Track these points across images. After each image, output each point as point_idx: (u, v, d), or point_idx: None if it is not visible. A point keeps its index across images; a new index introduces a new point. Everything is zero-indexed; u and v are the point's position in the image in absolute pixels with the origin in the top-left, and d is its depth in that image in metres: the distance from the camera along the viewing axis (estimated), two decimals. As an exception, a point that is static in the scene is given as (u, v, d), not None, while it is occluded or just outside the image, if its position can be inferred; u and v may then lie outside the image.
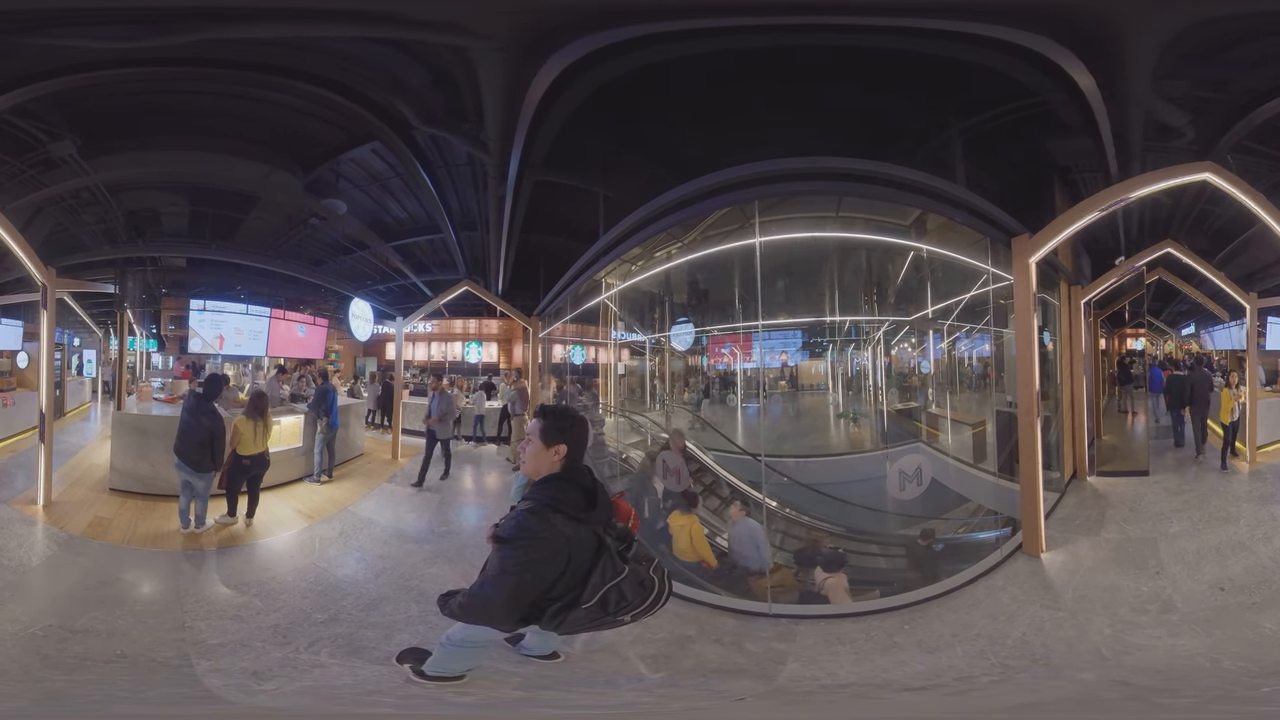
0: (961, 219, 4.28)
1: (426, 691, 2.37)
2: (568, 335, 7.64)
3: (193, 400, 4.46)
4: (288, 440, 5.75)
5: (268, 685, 2.49)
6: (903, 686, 2.76)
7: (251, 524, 4.60)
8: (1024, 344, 4.15)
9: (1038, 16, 3.72)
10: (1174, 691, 2.58)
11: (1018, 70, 4.23)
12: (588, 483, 1.95)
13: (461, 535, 4.65)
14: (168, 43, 3.85)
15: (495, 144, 4.99)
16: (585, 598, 1.85)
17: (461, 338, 9.02)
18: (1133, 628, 3.09)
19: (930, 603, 3.57)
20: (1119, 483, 5.30)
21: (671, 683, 2.72)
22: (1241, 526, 4.21)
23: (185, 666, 2.60)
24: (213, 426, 4.35)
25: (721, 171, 4.04)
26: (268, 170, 6.46)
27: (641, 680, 2.71)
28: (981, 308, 5.21)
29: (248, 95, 5.42)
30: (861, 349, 6.32)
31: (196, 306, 7.33)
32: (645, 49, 3.90)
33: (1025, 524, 4.07)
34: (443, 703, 2.35)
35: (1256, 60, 4.34)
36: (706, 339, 6.88)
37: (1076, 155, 5.17)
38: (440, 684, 2.39)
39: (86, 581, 3.44)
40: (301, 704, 2.41)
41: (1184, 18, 3.67)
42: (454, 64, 4.32)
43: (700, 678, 2.81)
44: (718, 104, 4.98)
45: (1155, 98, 4.42)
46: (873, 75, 4.58)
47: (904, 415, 5.97)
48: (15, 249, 4.35)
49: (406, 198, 7.15)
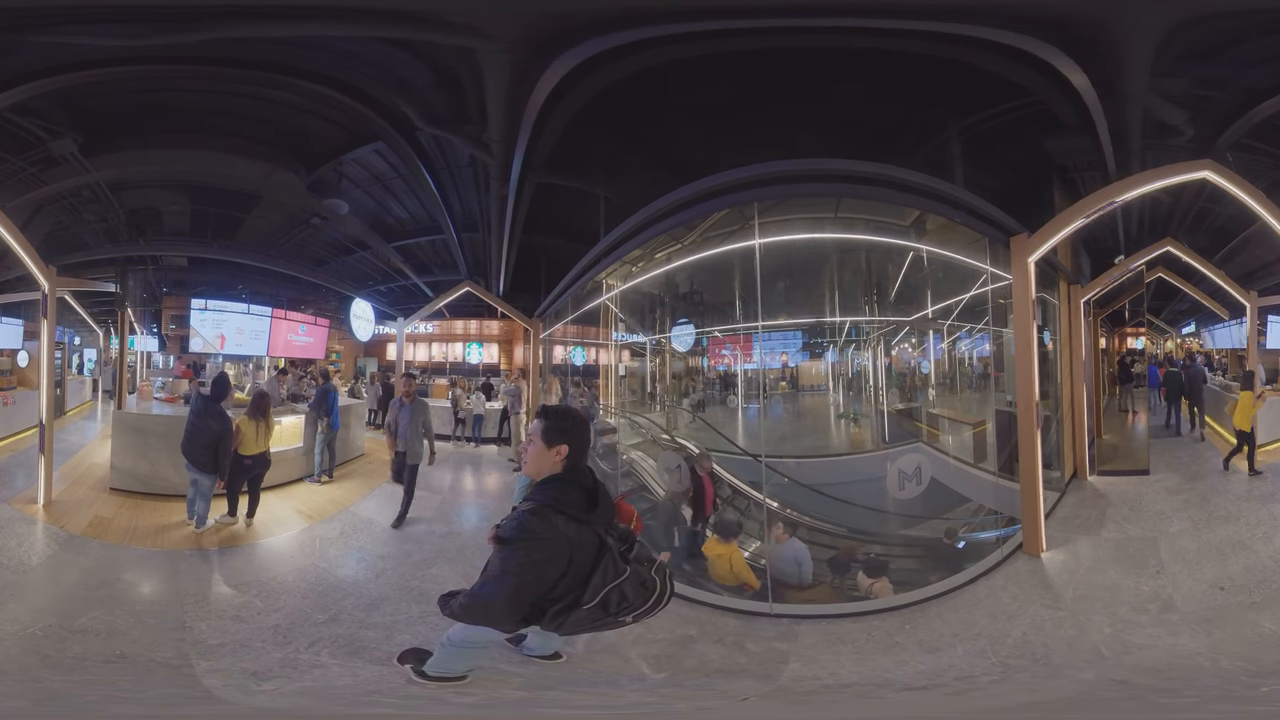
0: (960, 219, 4.28)
1: (428, 692, 2.37)
2: (568, 336, 7.64)
3: (200, 402, 4.47)
4: (288, 440, 5.75)
5: (267, 685, 2.49)
6: (904, 686, 2.76)
7: (252, 524, 4.60)
8: (1023, 344, 4.16)
9: (1027, 18, 3.73)
10: (1174, 691, 2.59)
11: (1014, 70, 4.24)
12: (589, 483, 1.96)
13: (462, 535, 4.64)
14: (176, 41, 3.83)
15: (498, 145, 4.99)
16: (587, 598, 1.85)
17: (462, 338, 9.03)
18: (1133, 627, 3.10)
19: (930, 602, 3.58)
20: (1119, 482, 5.30)
21: (674, 683, 2.72)
22: (1242, 526, 4.21)
23: (185, 667, 2.60)
24: (220, 430, 4.34)
25: (721, 173, 4.05)
26: (270, 169, 6.46)
27: (644, 680, 2.71)
28: (981, 307, 5.21)
29: (250, 94, 5.42)
30: (861, 349, 6.33)
31: (198, 306, 7.33)
32: (647, 52, 3.91)
33: (1025, 523, 4.07)
34: (445, 703, 2.35)
35: (1255, 58, 4.35)
36: (707, 340, 6.88)
37: (1075, 154, 5.17)
38: (442, 684, 2.38)
39: (86, 581, 3.44)
40: (301, 704, 2.41)
41: (1177, 15, 3.68)
42: (459, 65, 4.33)
43: (704, 677, 2.81)
44: (717, 106, 4.99)
45: (1153, 96, 4.42)
46: (871, 77, 4.59)
47: (904, 415, 5.98)
48: (15, 247, 4.35)
49: (408, 198, 7.15)
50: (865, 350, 6.30)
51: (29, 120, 5.20)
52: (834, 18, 3.66)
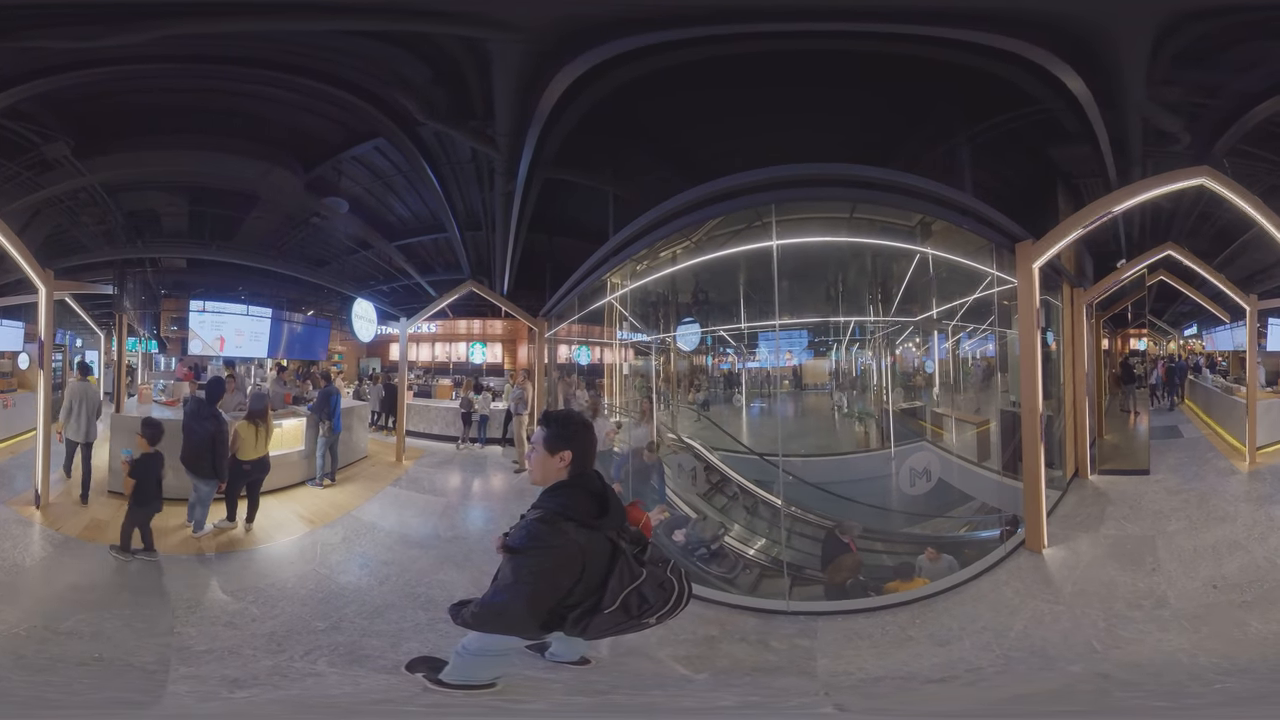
0: (969, 226, 4.32)
1: (455, 700, 2.32)
2: (573, 336, 7.61)
3: (194, 405, 4.44)
4: (289, 443, 5.70)
5: (241, 693, 2.42)
6: (925, 679, 2.79)
7: (251, 529, 4.54)
8: (1027, 347, 4.20)
9: (1027, 23, 3.74)
10: (1136, 685, 2.61)
11: (1019, 77, 4.27)
12: (597, 488, 1.94)
13: (468, 540, 4.60)
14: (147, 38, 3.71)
15: (505, 140, 4.92)
16: (606, 602, 1.84)
17: (466, 338, 8.99)
18: (1125, 622, 3.16)
19: (938, 597, 3.63)
20: (1120, 481, 5.35)
21: (724, 683, 2.71)
22: (1239, 526, 4.26)
23: (159, 672, 2.53)
24: (215, 430, 4.29)
25: (732, 176, 4.05)
26: (267, 168, 6.38)
27: (691, 681, 2.71)
28: (985, 309, 5.24)
29: (246, 91, 5.34)
30: (866, 349, 6.36)
31: (196, 308, 7.25)
32: (663, 54, 3.89)
33: (1028, 521, 4.14)
34: (482, 709, 2.30)
35: (1247, 63, 4.38)
36: (712, 339, 6.89)
37: (1077, 161, 5.22)
38: (469, 692, 2.32)
39: (78, 584, 3.39)
40: (269, 711, 2.34)
41: (1166, 20, 3.70)
42: (465, 58, 4.26)
43: (745, 675, 2.83)
44: (727, 108, 4.98)
45: (1150, 104, 4.45)
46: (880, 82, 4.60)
47: (908, 414, 6.01)
48: (13, 252, 4.29)
49: (410, 196, 7.08)
50: (870, 350, 6.33)
51: (20, 124, 5.12)
52: (841, 22, 3.67)
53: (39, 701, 2.31)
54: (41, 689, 2.39)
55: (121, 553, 3.81)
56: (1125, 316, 6.83)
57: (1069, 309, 5.75)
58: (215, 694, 2.42)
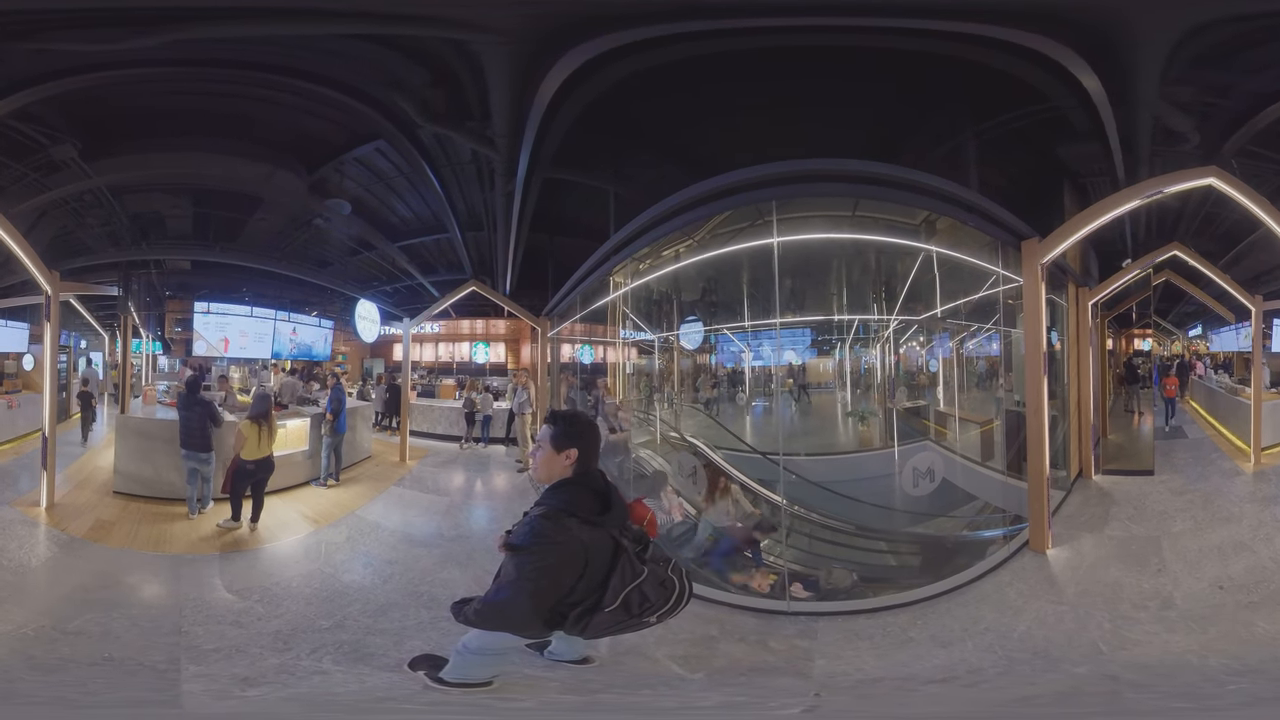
0: (974, 223, 4.28)
1: (452, 698, 2.34)
2: (576, 334, 7.61)
3: (181, 398, 4.90)
4: (293, 444, 5.73)
5: (253, 691, 2.45)
6: (926, 679, 2.78)
7: (256, 529, 4.57)
8: (1033, 346, 4.17)
9: (1045, 18, 3.72)
10: (1149, 687, 2.60)
11: (1028, 73, 4.23)
12: (601, 486, 1.96)
13: (472, 539, 4.61)
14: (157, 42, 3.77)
15: (503, 140, 4.94)
16: (607, 601, 1.85)
17: (469, 338, 9.01)
18: (1131, 623, 3.14)
19: (940, 598, 3.61)
20: (1124, 481, 5.33)
21: (720, 683, 2.71)
22: (1244, 527, 4.23)
23: (171, 671, 2.56)
24: (203, 410, 4.85)
25: (734, 172, 4.02)
26: (270, 171, 6.42)
27: (685, 682, 2.70)
28: (990, 307, 5.22)
29: (248, 95, 5.37)
30: (870, 347, 6.34)
31: (201, 309, 7.30)
32: (660, 49, 3.87)
33: (1032, 521, 4.11)
34: (476, 708, 2.32)
35: (1259, 64, 4.35)
36: (715, 337, 6.88)
37: (1086, 159, 5.17)
38: (467, 690, 2.35)
39: (85, 584, 3.41)
40: (285, 710, 2.37)
41: (1191, 20, 3.67)
42: (456, 60, 4.27)
43: (740, 676, 2.82)
44: (729, 103, 4.96)
45: (1162, 103, 4.42)
46: (887, 77, 4.57)
47: (912, 413, 5.99)
48: (19, 253, 4.32)
49: (411, 197, 7.09)
50: (873, 348, 6.31)
51: (29, 126, 5.16)
52: (848, 17, 3.65)
53: (61, 702, 2.33)
54: (59, 689, 2.42)
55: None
56: (1130, 316, 6.81)
57: (1074, 308, 5.72)
58: (229, 693, 2.45)
